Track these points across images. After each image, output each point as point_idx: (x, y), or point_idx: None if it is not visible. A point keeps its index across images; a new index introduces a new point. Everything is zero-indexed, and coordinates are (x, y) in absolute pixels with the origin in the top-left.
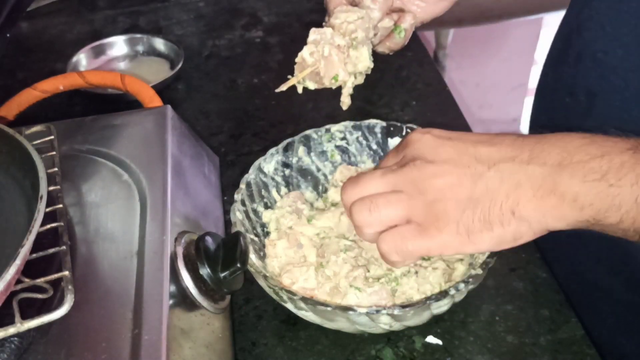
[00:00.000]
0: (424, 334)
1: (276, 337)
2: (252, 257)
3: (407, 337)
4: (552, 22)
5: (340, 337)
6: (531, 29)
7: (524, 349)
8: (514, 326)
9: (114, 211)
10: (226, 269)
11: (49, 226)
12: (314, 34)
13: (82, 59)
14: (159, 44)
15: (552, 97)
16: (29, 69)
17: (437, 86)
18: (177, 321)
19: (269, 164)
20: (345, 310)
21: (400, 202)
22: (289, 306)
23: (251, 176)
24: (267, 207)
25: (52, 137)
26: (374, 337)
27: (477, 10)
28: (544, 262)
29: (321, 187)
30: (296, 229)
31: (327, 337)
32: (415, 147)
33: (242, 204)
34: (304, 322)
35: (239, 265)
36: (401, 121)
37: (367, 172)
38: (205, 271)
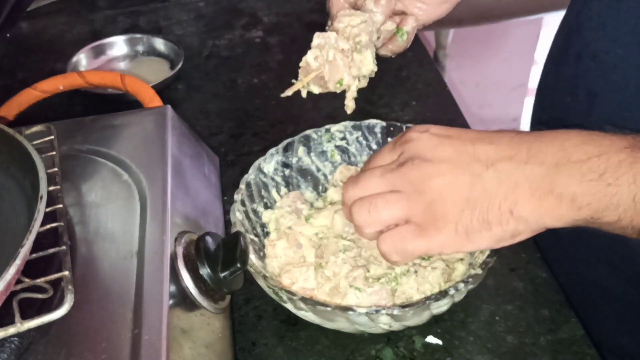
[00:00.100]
0: (424, 334)
1: (276, 337)
2: (252, 257)
3: (407, 337)
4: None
5: (340, 337)
6: (531, 29)
7: (524, 349)
8: (514, 326)
9: (114, 211)
10: (226, 269)
11: (49, 226)
12: (318, 38)
13: (82, 59)
14: (159, 44)
15: (553, 97)
16: (29, 69)
17: (437, 86)
18: (177, 321)
19: (269, 164)
20: (345, 310)
21: (398, 203)
22: (289, 306)
23: (251, 176)
24: (267, 207)
25: (52, 137)
26: (374, 337)
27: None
28: (544, 262)
29: (321, 187)
30: (295, 229)
31: (327, 337)
32: (413, 145)
33: (242, 204)
34: (304, 322)
35: (239, 265)
36: (401, 121)
37: (367, 171)
38: (205, 271)
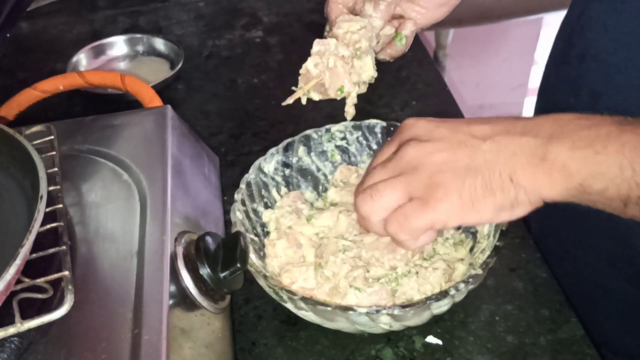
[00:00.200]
0: (424, 334)
1: (276, 337)
2: (252, 257)
3: (407, 337)
4: (552, 22)
5: (340, 337)
6: (531, 29)
7: (524, 349)
8: (514, 326)
9: (114, 211)
10: (226, 269)
11: (49, 226)
12: (318, 45)
13: (82, 59)
14: (159, 44)
15: (555, 98)
16: (29, 69)
17: (437, 86)
18: (177, 321)
19: (269, 163)
20: (345, 310)
21: (399, 183)
22: (289, 306)
23: (251, 176)
24: (267, 207)
25: (52, 137)
26: (374, 337)
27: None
28: (544, 262)
29: (321, 187)
30: (296, 228)
31: (327, 337)
32: (409, 132)
33: (242, 203)
34: (304, 322)
35: (239, 265)
36: (401, 121)
37: (369, 169)
38: (205, 271)
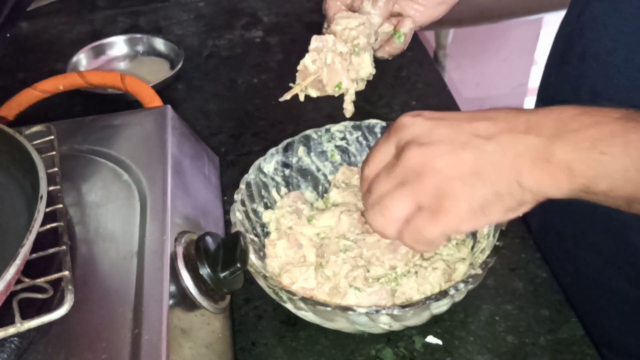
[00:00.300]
0: (424, 334)
1: (276, 337)
2: (252, 257)
3: (407, 337)
4: (552, 22)
5: (340, 337)
6: (531, 29)
7: (524, 349)
8: (514, 326)
9: (114, 211)
10: (226, 269)
11: (49, 226)
12: (316, 42)
13: (82, 59)
14: (159, 44)
15: (555, 98)
16: (29, 69)
17: (437, 86)
18: (177, 321)
19: (269, 164)
20: (345, 310)
21: (405, 195)
22: (289, 306)
23: (251, 176)
24: (267, 207)
25: (52, 137)
26: (374, 337)
27: (477, 10)
28: (544, 262)
29: (321, 187)
30: (296, 229)
31: (327, 337)
32: (408, 132)
33: (242, 204)
34: (304, 322)
35: (239, 265)
36: None
37: (374, 176)
38: (205, 271)
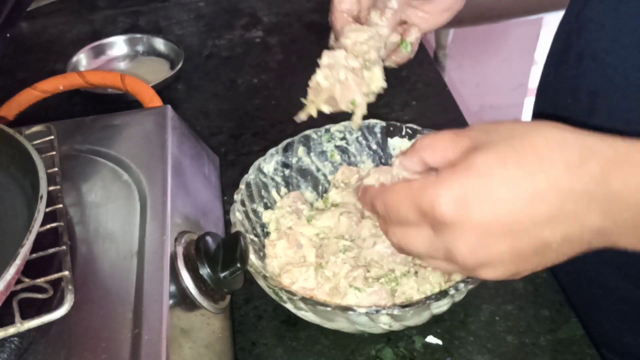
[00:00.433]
0: (424, 334)
1: (276, 337)
2: (252, 257)
3: (407, 337)
4: (552, 22)
5: (340, 337)
6: (531, 29)
7: (524, 349)
8: (514, 326)
9: (114, 211)
10: (226, 269)
11: (49, 226)
12: (327, 58)
13: (82, 59)
14: (159, 44)
15: (554, 98)
16: (29, 69)
17: (437, 86)
18: (177, 321)
19: (269, 164)
20: (345, 310)
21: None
22: (289, 306)
23: (251, 176)
24: (267, 207)
25: (52, 137)
26: (374, 337)
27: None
28: None
29: (321, 187)
30: (296, 229)
31: (327, 337)
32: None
33: (242, 204)
34: (304, 322)
35: (239, 265)
36: (401, 121)
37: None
38: (205, 271)
